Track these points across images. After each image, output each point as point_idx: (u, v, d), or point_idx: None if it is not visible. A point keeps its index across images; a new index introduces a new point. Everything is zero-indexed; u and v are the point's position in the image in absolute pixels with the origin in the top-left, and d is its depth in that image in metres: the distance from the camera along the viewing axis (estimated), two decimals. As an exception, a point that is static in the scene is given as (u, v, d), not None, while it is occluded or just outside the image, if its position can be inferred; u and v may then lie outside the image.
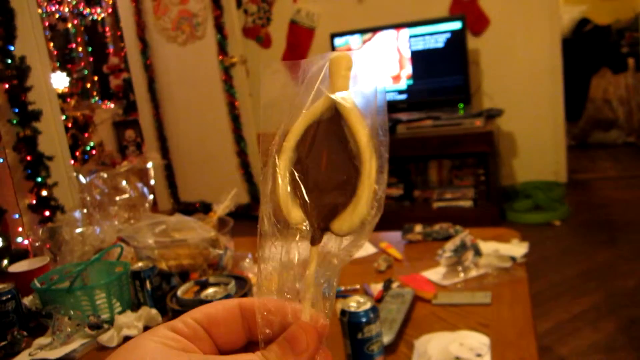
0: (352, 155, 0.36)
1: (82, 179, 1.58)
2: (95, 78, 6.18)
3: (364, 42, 3.82)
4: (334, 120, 0.36)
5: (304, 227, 0.37)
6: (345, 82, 0.36)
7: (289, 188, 0.37)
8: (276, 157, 0.38)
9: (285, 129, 0.38)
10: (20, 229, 2.44)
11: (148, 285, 1.22)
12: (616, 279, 2.55)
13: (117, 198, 1.58)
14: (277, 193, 0.37)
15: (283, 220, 0.38)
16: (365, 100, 0.37)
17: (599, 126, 5.17)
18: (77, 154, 4.90)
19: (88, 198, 1.54)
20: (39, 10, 3.90)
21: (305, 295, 0.37)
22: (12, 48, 2.63)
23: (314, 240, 0.37)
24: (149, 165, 1.70)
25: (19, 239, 2.42)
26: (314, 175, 0.37)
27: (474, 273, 1.30)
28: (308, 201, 0.37)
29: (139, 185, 1.63)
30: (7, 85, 2.58)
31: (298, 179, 0.37)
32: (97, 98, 6.11)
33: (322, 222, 0.37)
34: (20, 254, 2.17)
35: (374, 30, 3.79)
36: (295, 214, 0.37)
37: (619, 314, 2.25)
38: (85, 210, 1.55)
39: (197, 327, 0.36)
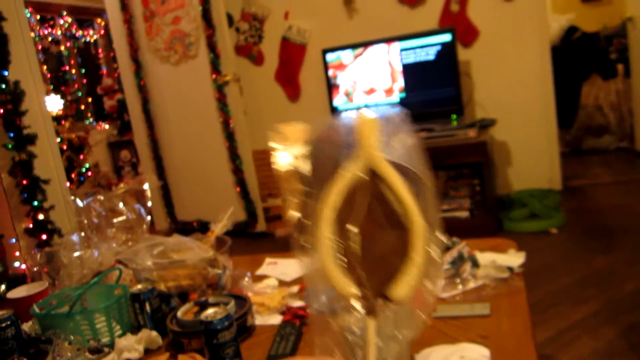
0: (397, 215, 0.34)
1: (79, 202, 1.59)
2: (89, 99, 6.20)
3: (356, 57, 3.86)
4: (371, 183, 0.35)
5: (357, 299, 0.34)
6: (376, 143, 0.35)
7: (335, 259, 0.34)
8: (318, 229, 0.35)
9: (322, 196, 0.35)
10: (17, 254, 2.43)
11: (148, 308, 1.22)
12: (614, 285, 2.55)
13: (115, 220, 1.58)
14: (323, 266, 0.34)
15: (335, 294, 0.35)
16: (401, 156, 0.36)
17: (591, 132, 5.21)
18: (73, 176, 4.90)
19: (85, 221, 1.54)
20: (32, 34, 3.92)
21: None
22: (6, 73, 2.65)
23: (371, 311, 0.34)
24: (146, 186, 1.71)
25: (17, 264, 2.41)
26: (361, 241, 0.34)
27: (472, 285, 1.30)
28: (359, 270, 0.34)
29: (136, 206, 1.63)
30: (1, 110, 2.59)
31: (344, 248, 0.34)
32: (91, 119, 6.13)
33: (377, 290, 0.34)
34: (18, 279, 2.16)
35: (365, 44, 3.82)
36: (347, 286, 0.34)
37: (619, 320, 2.25)
38: (82, 234, 1.55)
39: None
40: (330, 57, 3.95)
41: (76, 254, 1.42)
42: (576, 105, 5.22)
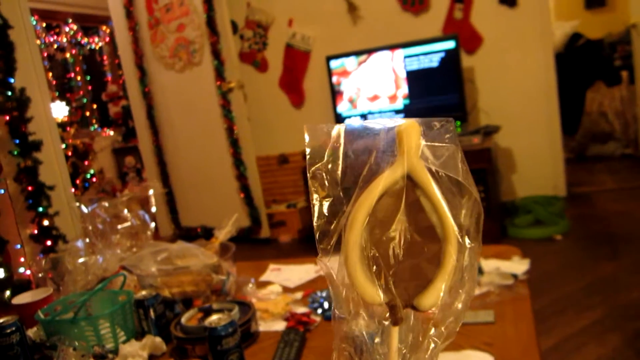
0: (431, 224, 0.33)
1: (84, 209, 1.59)
2: (94, 106, 6.23)
3: (360, 63, 3.87)
4: (407, 190, 0.34)
5: (383, 307, 0.33)
6: (417, 151, 0.34)
7: (363, 265, 0.33)
8: (348, 233, 0.34)
9: (355, 200, 0.34)
10: (22, 260, 2.44)
11: (152, 314, 1.23)
12: (620, 292, 2.54)
13: (119, 226, 1.58)
14: (350, 272, 0.33)
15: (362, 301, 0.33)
16: (441, 164, 0.34)
17: (596, 139, 5.20)
18: (78, 182, 4.92)
19: (90, 227, 1.55)
20: (38, 42, 3.95)
21: None
22: (12, 80, 2.67)
23: (396, 320, 0.33)
24: (150, 192, 1.71)
25: (21, 270, 2.42)
26: (391, 249, 0.34)
27: (476, 292, 1.30)
28: (388, 277, 0.33)
29: (141, 213, 1.63)
30: (7, 117, 2.61)
31: (374, 254, 0.33)
32: (96, 126, 6.15)
33: (405, 299, 0.33)
34: (23, 285, 2.17)
35: (369, 51, 3.83)
36: (374, 293, 0.33)
37: (624, 327, 2.24)
38: (87, 240, 1.55)
39: None
40: (334, 63, 3.96)
41: (81, 260, 1.43)
42: (580, 111, 5.21)
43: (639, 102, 4.71)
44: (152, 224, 1.62)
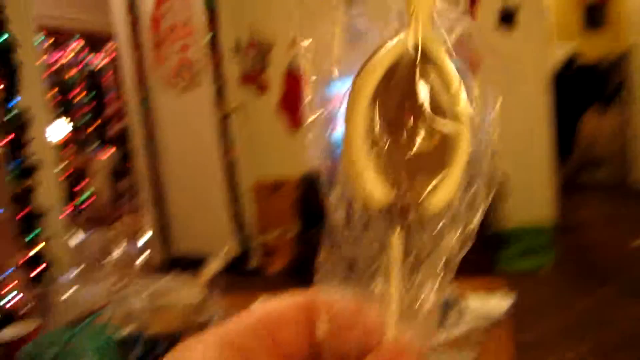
0: (442, 110, 0.28)
1: (74, 240, 1.61)
2: (97, 124, 6.23)
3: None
4: (418, 65, 0.28)
5: (389, 207, 0.27)
6: (430, 19, 0.29)
7: (366, 155, 0.27)
8: (350, 109, 0.28)
9: (356, 78, 0.29)
10: (11, 287, 2.39)
11: (137, 352, 1.24)
12: (608, 325, 2.52)
13: (109, 258, 1.60)
14: (351, 161, 0.27)
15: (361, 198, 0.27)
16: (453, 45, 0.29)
17: (587, 166, 5.16)
18: (72, 206, 4.90)
19: (80, 259, 1.57)
20: (44, 57, 3.95)
21: (389, 307, 0.27)
22: (14, 101, 2.66)
23: (404, 224, 0.27)
24: (143, 223, 1.73)
25: (9, 298, 2.36)
26: (398, 136, 0.28)
27: (456, 331, 1.30)
28: (394, 169, 0.27)
29: (131, 244, 1.65)
30: (6, 139, 2.59)
31: (380, 141, 0.27)
32: (96, 145, 6.16)
33: (410, 197, 0.27)
34: (10, 315, 2.11)
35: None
36: (382, 188, 0.27)
37: (613, 359, 2.23)
38: (77, 271, 1.56)
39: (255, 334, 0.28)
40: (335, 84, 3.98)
41: (68, 293, 1.44)
42: (574, 136, 5.17)
43: (631, 129, 4.71)
44: (142, 257, 1.64)
